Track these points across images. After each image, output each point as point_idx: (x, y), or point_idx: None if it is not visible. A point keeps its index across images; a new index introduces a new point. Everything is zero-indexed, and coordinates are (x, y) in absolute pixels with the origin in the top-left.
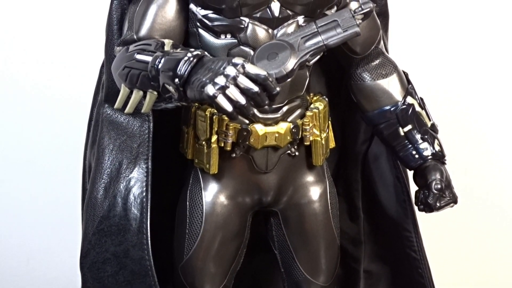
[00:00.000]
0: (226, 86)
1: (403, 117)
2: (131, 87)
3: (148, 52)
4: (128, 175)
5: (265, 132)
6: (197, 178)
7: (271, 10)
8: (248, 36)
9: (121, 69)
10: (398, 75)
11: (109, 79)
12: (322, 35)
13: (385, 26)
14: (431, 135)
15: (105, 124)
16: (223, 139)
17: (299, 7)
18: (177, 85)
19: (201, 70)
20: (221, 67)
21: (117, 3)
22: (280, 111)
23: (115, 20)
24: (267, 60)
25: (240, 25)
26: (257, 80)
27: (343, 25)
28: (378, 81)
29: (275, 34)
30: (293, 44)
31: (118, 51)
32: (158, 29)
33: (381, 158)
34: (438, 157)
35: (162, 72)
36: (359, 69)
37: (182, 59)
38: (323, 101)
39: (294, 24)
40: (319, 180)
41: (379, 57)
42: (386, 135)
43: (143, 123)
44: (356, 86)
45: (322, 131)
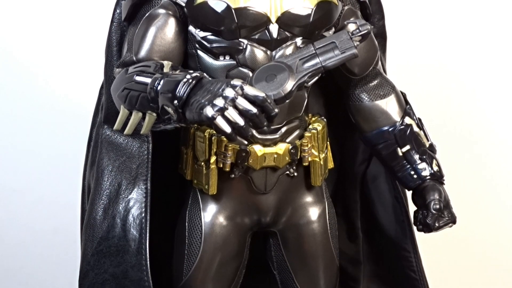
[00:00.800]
0: (225, 107)
1: (401, 138)
2: (130, 109)
3: (147, 74)
4: (127, 196)
5: (263, 153)
6: (196, 198)
7: (269, 32)
8: (246, 58)
9: (121, 91)
10: (396, 96)
11: (108, 100)
12: (320, 57)
13: (383, 47)
14: (429, 155)
15: (105, 145)
16: (222, 160)
17: (297, 29)
18: (176, 106)
19: (200, 91)
20: (219, 88)
21: (117, 25)
22: (279, 132)
23: (114, 41)
24: (266, 81)
25: (238, 46)
26: (256, 102)
27: (341, 47)
28: (376, 101)
29: (274, 55)
30: (291, 65)
31: (117, 73)
32: (157, 51)
33: (380, 178)
34: (437, 177)
35: (161, 94)
36: (357, 90)
37: (181, 81)
38: (321, 121)
39: (292, 46)
40: (318, 201)
41: (377, 78)
42: (385, 155)
43: (142, 144)
44: (354, 106)
45: (320, 152)
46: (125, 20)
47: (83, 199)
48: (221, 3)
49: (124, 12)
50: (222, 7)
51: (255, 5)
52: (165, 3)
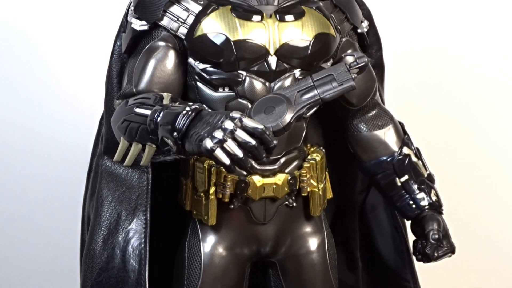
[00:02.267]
0: (224, 139)
1: (399, 168)
2: (130, 140)
3: (147, 106)
4: (126, 226)
5: (263, 184)
6: (195, 229)
7: (268, 64)
8: (245, 89)
9: (121, 122)
10: (394, 126)
11: (108, 131)
12: (318, 89)
13: (381, 77)
14: (428, 185)
15: (104, 176)
16: (221, 191)
17: (296, 61)
18: (176, 138)
19: (199, 124)
20: (219, 121)
21: (117, 56)
22: (278, 162)
23: (114, 73)
24: (264, 113)
25: (237, 78)
26: (255, 134)
27: (339, 79)
28: (374, 132)
29: (272, 87)
30: (290, 97)
31: (117, 104)
32: (157, 83)
33: (379, 208)
34: (435, 207)
35: (161, 126)
36: (356, 120)
37: (181, 113)
38: (320, 152)
39: (291, 77)
40: (317, 231)
41: (375, 108)
42: (383, 185)
43: (142, 175)
44: (353, 137)
45: (319, 182)
46: (125, 52)
47: (82, 229)
48: (220, 36)
49: (124, 44)
50: (221, 40)
51: (254, 38)
52: (165, 35)
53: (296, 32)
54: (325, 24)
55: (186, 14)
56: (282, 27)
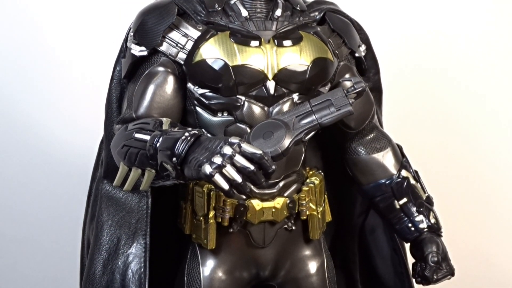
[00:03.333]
0: (223, 165)
1: (398, 190)
2: (130, 165)
3: (146, 131)
4: (126, 251)
5: (262, 207)
6: (195, 253)
7: (266, 88)
8: (244, 114)
9: (120, 148)
10: (392, 149)
11: (108, 156)
12: (316, 114)
13: (379, 100)
14: (427, 208)
15: (104, 200)
16: (221, 215)
17: (294, 85)
18: (175, 164)
19: (198, 149)
20: (217, 146)
21: (116, 81)
22: (277, 186)
23: (114, 98)
24: (263, 138)
25: (236, 103)
26: (253, 159)
27: (336, 104)
28: (372, 155)
29: (271, 111)
30: (288, 123)
31: (117, 129)
32: (156, 108)
33: (378, 230)
34: (434, 230)
35: (160, 151)
36: (354, 143)
37: (180, 138)
38: (318, 175)
39: (289, 102)
40: (316, 254)
41: (373, 131)
42: (382, 208)
43: (141, 199)
44: (351, 160)
45: (318, 205)
46: (125, 77)
47: (82, 253)
48: (219, 61)
49: (124, 69)
50: (220, 65)
51: (252, 63)
52: (164, 61)
53: (294, 57)
54: (323, 49)
55: (185, 40)
56: (280, 52)
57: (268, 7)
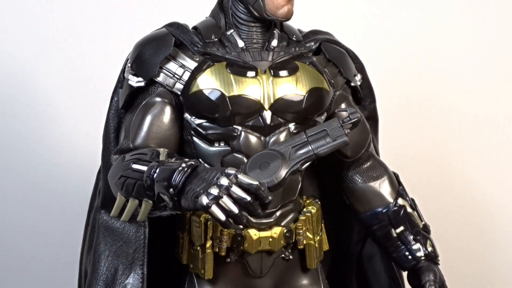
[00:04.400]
0: (220, 196)
1: (395, 219)
2: (127, 196)
3: (143, 162)
4: (123, 281)
5: (259, 237)
6: (192, 283)
7: (263, 118)
8: (241, 144)
9: (117, 178)
10: (388, 177)
11: (105, 186)
12: (312, 145)
13: (375, 129)
14: (424, 236)
15: (101, 230)
16: (218, 245)
17: (290, 115)
18: (172, 194)
19: (195, 180)
20: (214, 177)
21: (114, 112)
22: (274, 215)
23: (112, 128)
24: (259, 169)
25: (233, 133)
26: (250, 190)
27: (332, 135)
28: (369, 183)
29: (267, 141)
30: (284, 153)
31: (114, 160)
32: (153, 138)
33: (375, 258)
34: (431, 258)
35: (157, 182)
36: (351, 172)
37: (177, 169)
38: (315, 204)
39: (285, 132)
40: (314, 283)
41: (370, 160)
42: (379, 236)
43: (139, 229)
44: (348, 188)
45: (315, 235)
46: (122, 107)
47: (80, 284)
48: (215, 92)
49: (121, 100)
50: (217, 96)
51: (249, 93)
52: (161, 91)
53: (290, 87)
54: (319, 79)
55: (182, 71)
56: (276, 83)
57: (264, 37)
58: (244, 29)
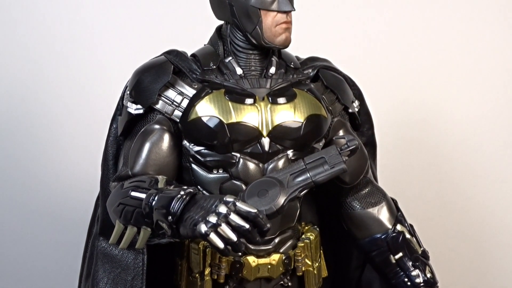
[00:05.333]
0: (218, 224)
1: (393, 245)
2: (126, 223)
3: (142, 189)
4: None
5: (257, 264)
6: None
7: (261, 145)
8: (239, 171)
9: (116, 206)
10: (387, 203)
11: (104, 213)
12: (310, 172)
13: (373, 155)
14: (422, 262)
15: (100, 257)
16: (216, 272)
17: (289, 142)
18: (170, 222)
19: (194, 208)
20: (213, 205)
21: (113, 139)
22: (272, 242)
23: (110, 155)
24: (258, 197)
25: (231, 160)
26: (248, 217)
27: (330, 162)
28: (368, 209)
29: (266, 168)
30: (283, 181)
31: (113, 187)
32: (152, 165)
33: (375, 284)
34: (430, 284)
35: (156, 210)
36: (349, 198)
37: (175, 197)
38: (314, 231)
39: (284, 158)
40: None
41: (368, 186)
42: (378, 262)
43: (137, 256)
44: (347, 214)
45: (314, 261)
46: (121, 134)
47: None
48: (214, 119)
49: (120, 127)
50: (215, 123)
51: (247, 120)
52: (160, 118)
53: (288, 114)
54: (317, 106)
55: (181, 98)
56: (274, 110)
57: (262, 65)
58: (242, 57)
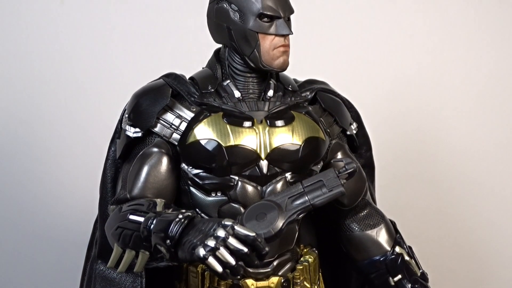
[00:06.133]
0: (216, 247)
1: (392, 267)
2: (124, 247)
3: (140, 213)
4: None
5: (256, 287)
6: None
7: (259, 168)
8: (238, 194)
9: (114, 229)
10: (385, 225)
11: (102, 236)
12: (309, 195)
13: (371, 177)
14: (422, 284)
15: (98, 280)
16: None
17: (287, 165)
18: (169, 246)
19: (192, 231)
20: (211, 228)
21: (111, 162)
22: (271, 265)
23: (109, 178)
24: (256, 220)
25: (230, 183)
26: (247, 241)
27: (328, 185)
28: (366, 231)
29: (264, 190)
30: (281, 204)
31: (111, 210)
32: (150, 188)
33: None
34: None
35: (154, 233)
36: (348, 220)
37: (173, 221)
38: (312, 253)
39: (282, 181)
40: None
41: (366, 208)
42: (377, 284)
43: (135, 279)
44: (345, 236)
45: (313, 284)
46: (119, 158)
47: None
48: (212, 142)
49: (118, 150)
50: (213, 146)
51: (245, 143)
52: (158, 141)
53: (287, 137)
54: (315, 128)
55: (179, 121)
56: (272, 132)
57: (260, 87)
58: (241, 80)
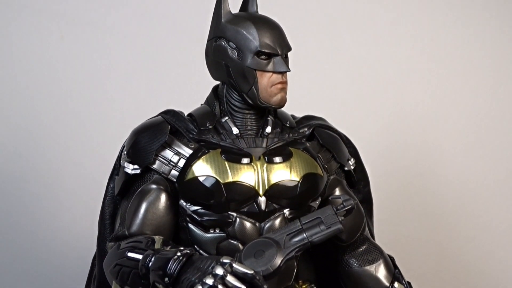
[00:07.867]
0: (215, 286)
1: None
2: (122, 285)
3: (139, 250)
4: None
5: None
6: None
7: (258, 205)
8: (236, 230)
9: (113, 266)
10: (384, 261)
11: (100, 273)
12: (307, 232)
13: (370, 211)
14: None
15: None
16: None
17: (285, 201)
18: (167, 284)
19: (190, 269)
20: (209, 266)
21: (110, 198)
22: None
23: (107, 215)
24: (254, 257)
25: (228, 219)
26: (245, 279)
27: (326, 222)
28: (365, 267)
29: (263, 227)
30: (279, 241)
31: (110, 247)
32: (149, 225)
33: None
34: None
35: (152, 271)
36: (346, 256)
37: (172, 258)
38: None
39: (280, 217)
40: None
41: (365, 244)
42: None
43: None
44: (344, 272)
45: None
46: (118, 194)
47: None
48: (210, 179)
49: (117, 187)
50: (212, 182)
51: (244, 180)
52: (157, 178)
53: (285, 174)
54: (313, 164)
55: (178, 158)
56: (270, 169)
57: (258, 124)
58: (239, 116)
